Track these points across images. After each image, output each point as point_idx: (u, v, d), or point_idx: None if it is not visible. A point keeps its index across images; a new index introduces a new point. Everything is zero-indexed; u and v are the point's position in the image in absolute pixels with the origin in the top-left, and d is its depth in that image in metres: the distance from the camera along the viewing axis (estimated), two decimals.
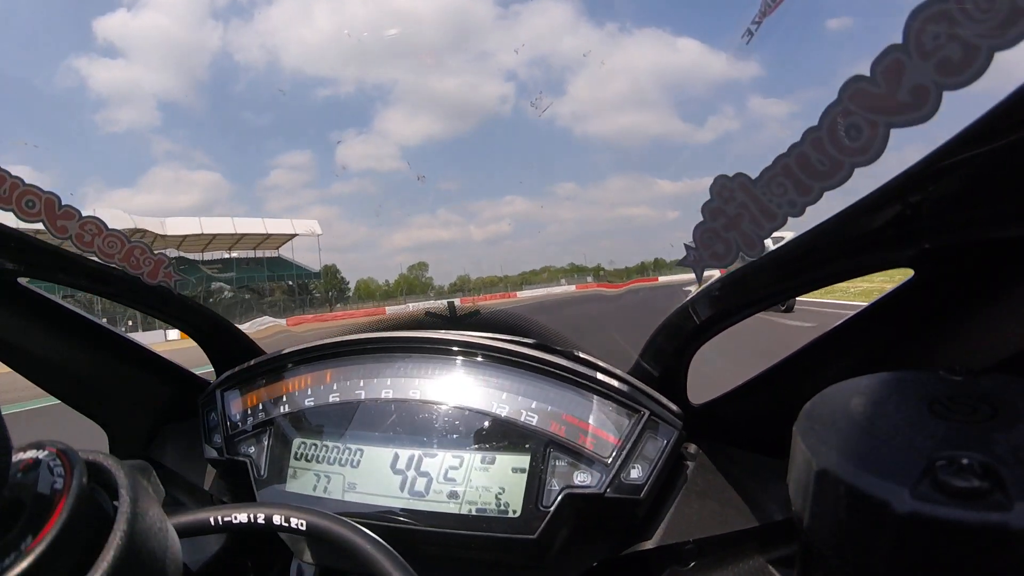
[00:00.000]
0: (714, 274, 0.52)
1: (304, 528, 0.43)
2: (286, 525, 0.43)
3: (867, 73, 0.40)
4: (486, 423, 0.64)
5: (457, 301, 0.87)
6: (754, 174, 0.46)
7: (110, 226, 0.68)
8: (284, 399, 0.72)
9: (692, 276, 0.48)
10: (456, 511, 0.61)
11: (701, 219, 0.50)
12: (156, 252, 0.71)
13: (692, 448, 0.65)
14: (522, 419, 0.63)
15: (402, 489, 0.63)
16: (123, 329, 0.94)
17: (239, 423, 0.73)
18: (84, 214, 0.67)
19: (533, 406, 0.63)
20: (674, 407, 0.62)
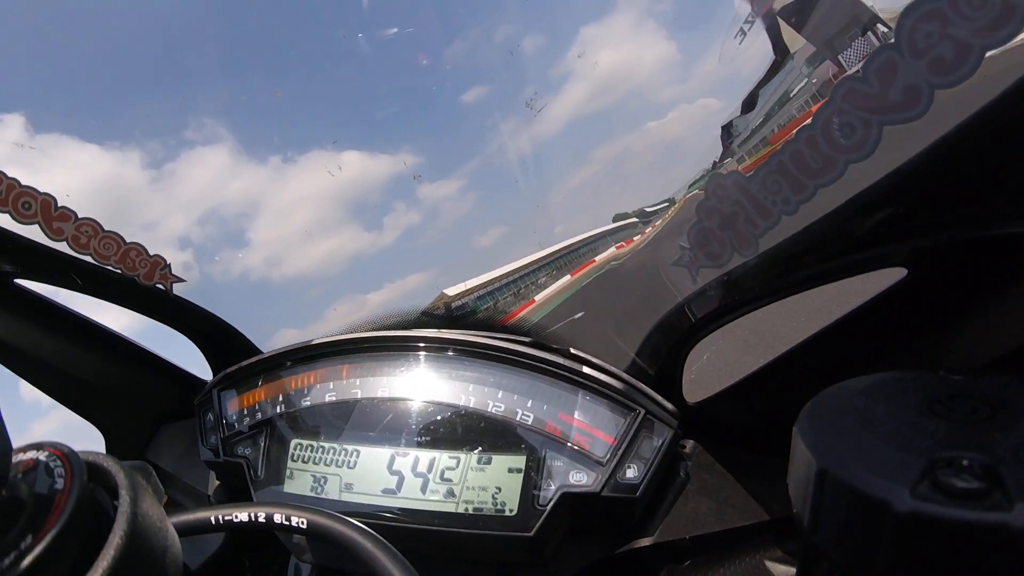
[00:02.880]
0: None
1: (305, 527, 0.43)
2: (287, 524, 0.43)
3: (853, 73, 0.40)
4: (482, 423, 0.64)
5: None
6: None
7: None
8: (281, 399, 0.72)
9: None
10: (453, 510, 0.61)
11: (696, 219, 0.51)
12: (152, 254, 0.71)
13: (688, 446, 0.65)
14: (518, 418, 0.63)
15: (399, 489, 0.63)
16: None
17: (235, 424, 0.73)
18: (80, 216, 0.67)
19: (529, 405, 0.63)
20: (670, 405, 0.63)
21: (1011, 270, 0.43)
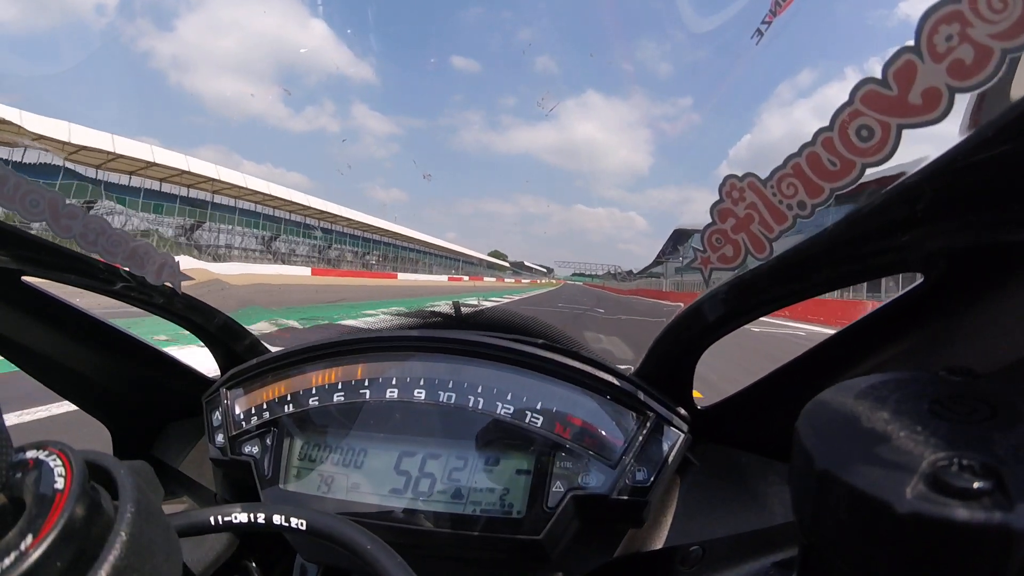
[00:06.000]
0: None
1: (304, 528, 0.43)
2: (286, 525, 0.43)
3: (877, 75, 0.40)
4: (491, 424, 0.64)
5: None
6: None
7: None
8: (288, 398, 0.72)
9: None
10: (460, 512, 0.61)
11: (709, 220, 0.50)
12: (160, 252, 0.70)
13: (699, 450, 0.65)
14: (527, 420, 0.62)
15: (405, 489, 0.63)
16: None
17: (243, 422, 0.73)
18: (89, 213, 0.67)
19: (538, 407, 0.63)
20: (680, 409, 0.62)
21: None
